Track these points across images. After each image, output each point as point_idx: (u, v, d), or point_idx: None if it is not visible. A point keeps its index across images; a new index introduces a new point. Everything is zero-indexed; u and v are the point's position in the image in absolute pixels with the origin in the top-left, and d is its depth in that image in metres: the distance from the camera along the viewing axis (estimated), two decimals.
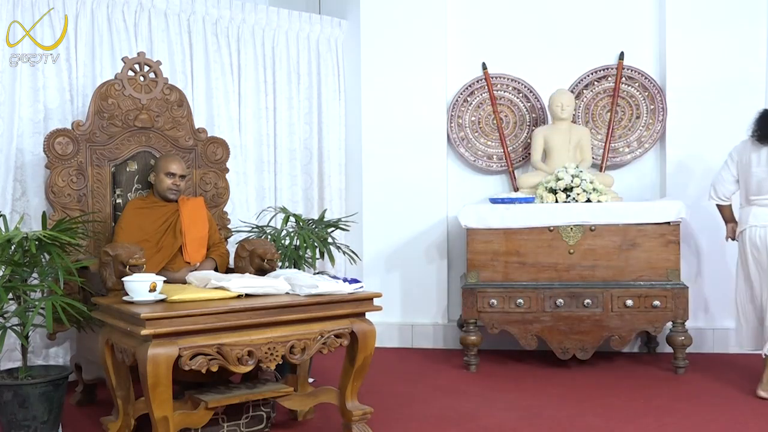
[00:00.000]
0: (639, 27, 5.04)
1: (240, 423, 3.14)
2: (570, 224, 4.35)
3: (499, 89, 5.15)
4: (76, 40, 4.07)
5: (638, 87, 4.99)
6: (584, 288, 4.32)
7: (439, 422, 3.45)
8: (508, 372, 4.42)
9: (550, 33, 5.10)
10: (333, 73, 5.28)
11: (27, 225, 3.82)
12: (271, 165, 4.96)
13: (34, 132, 3.93)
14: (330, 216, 4.74)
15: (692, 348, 4.36)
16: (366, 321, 3.12)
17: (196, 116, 4.30)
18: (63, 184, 3.61)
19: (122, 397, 3.00)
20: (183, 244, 3.61)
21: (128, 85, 3.81)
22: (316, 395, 3.32)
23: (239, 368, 2.78)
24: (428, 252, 5.15)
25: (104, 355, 2.95)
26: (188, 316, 2.69)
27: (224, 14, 4.71)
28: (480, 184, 5.17)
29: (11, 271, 3.09)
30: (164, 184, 3.63)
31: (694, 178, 4.83)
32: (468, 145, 5.16)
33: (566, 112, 4.82)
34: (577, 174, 4.51)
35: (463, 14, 5.18)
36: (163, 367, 2.61)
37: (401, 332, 5.17)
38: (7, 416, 3.07)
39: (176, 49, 4.47)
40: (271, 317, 2.87)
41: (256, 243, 3.61)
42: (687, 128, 4.86)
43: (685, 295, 4.26)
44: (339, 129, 5.32)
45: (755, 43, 4.81)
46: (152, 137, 3.89)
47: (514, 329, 4.37)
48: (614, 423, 3.41)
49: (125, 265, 3.07)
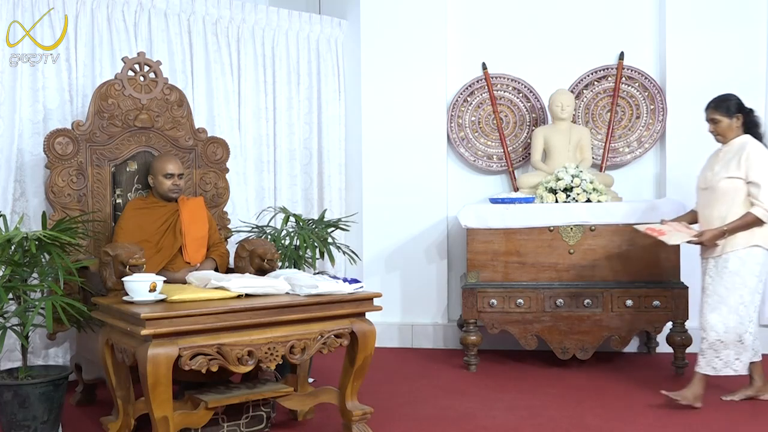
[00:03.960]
0: (639, 27, 5.04)
1: (240, 423, 3.14)
2: (570, 224, 4.35)
3: (499, 89, 5.15)
4: (76, 40, 4.07)
5: (638, 87, 4.99)
6: (584, 288, 4.32)
7: (438, 422, 3.45)
8: (508, 372, 4.42)
9: (550, 33, 5.10)
10: (333, 73, 5.28)
11: (27, 225, 3.82)
12: (270, 165, 4.96)
13: (34, 132, 3.93)
14: (330, 216, 4.74)
15: (692, 348, 4.35)
16: (366, 321, 3.12)
17: (196, 116, 4.30)
18: (63, 184, 3.61)
19: (122, 397, 3.00)
20: (183, 244, 3.61)
21: (128, 85, 3.81)
22: (316, 395, 3.32)
23: (239, 368, 2.79)
24: (428, 252, 5.15)
25: (104, 355, 2.95)
26: (188, 316, 2.70)
27: (224, 14, 4.71)
28: (480, 184, 5.17)
29: (11, 271, 3.09)
30: (164, 185, 3.63)
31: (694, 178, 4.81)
32: (468, 145, 5.16)
33: (566, 112, 4.82)
34: (577, 174, 4.51)
35: (463, 14, 5.18)
36: (163, 367, 2.61)
37: (401, 332, 5.17)
38: (7, 416, 3.07)
39: (176, 49, 4.47)
40: (271, 317, 2.87)
41: (256, 243, 3.61)
42: (687, 128, 4.86)
43: (685, 295, 4.26)
44: (339, 129, 5.32)
45: (755, 43, 4.81)
46: (152, 137, 3.89)
47: (514, 329, 4.37)
48: (614, 423, 3.41)
49: (125, 265, 3.07)
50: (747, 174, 3.55)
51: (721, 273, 3.58)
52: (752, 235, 3.54)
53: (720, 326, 3.55)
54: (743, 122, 3.68)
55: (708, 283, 3.64)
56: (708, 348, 3.59)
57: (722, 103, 3.70)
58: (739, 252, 3.55)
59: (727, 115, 3.67)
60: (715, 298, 3.58)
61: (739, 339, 3.55)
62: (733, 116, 3.66)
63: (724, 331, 3.54)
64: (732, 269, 3.55)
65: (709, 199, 3.68)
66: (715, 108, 3.71)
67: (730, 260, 3.56)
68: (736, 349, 3.56)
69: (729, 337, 3.54)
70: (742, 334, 3.55)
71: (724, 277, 3.56)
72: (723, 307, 3.55)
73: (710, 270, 3.63)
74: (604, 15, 5.06)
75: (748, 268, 3.55)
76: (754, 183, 3.54)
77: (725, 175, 3.60)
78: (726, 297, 3.55)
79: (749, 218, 3.52)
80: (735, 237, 3.55)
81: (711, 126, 3.73)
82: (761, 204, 3.50)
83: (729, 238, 3.55)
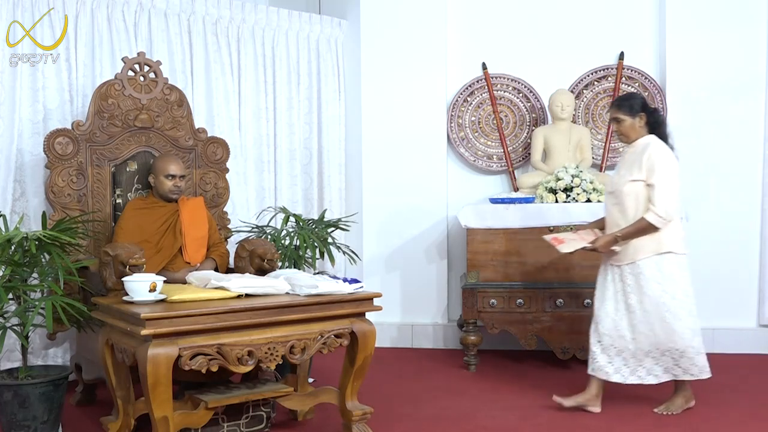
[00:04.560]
0: (639, 27, 5.04)
1: (240, 423, 3.14)
2: (570, 224, 4.35)
3: (499, 89, 5.15)
4: (76, 40, 4.07)
5: (638, 87, 4.99)
6: (584, 288, 4.31)
7: (438, 422, 3.45)
8: (508, 372, 4.42)
9: (551, 33, 5.10)
10: (333, 73, 5.28)
11: (27, 225, 3.82)
12: (270, 165, 4.96)
13: (34, 132, 3.93)
14: (330, 216, 4.74)
15: None
16: (366, 321, 3.12)
17: (196, 116, 4.30)
18: (63, 184, 3.61)
19: (122, 397, 3.00)
20: (183, 244, 3.61)
21: (128, 85, 3.81)
22: (316, 395, 3.32)
23: (239, 368, 2.79)
24: (428, 252, 5.15)
25: (104, 355, 2.95)
26: (188, 316, 2.70)
27: (224, 14, 4.71)
28: (480, 184, 5.17)
29: (11, 271, 3.09)
30: (165, 186, 3.63)
31: (693, 178, 4.83)
32: (468, 145, 5.16)
33: (566, 112, 4.82)
34: (577, 174, 4.51)
35: (463, 14, 5.18)
36: (163, 367, 2.61)
37: (401, 332, 5.17)
38: (7, 416, 3.07)
39: (176, 49, 4.47)
40: (271, 317, 2.87)
41: (256, 243, 3.61)
42: (687, 128, 4.86)
43: None
44: (339, 129, 5.32)
45: (755, 43, 4.81)
46: (152, 137, 3.89)
47: (514, 329, 4.37)
48: (614, 423, 3.41)
49: (125, 265, 3.06)
50: (647, 176, 3.39)
51: (639, 282, 3.41)
52: (660, 243, 3.39)
53: (687, 333, 3.41)
54: (647, 122, 3.51)
55: (629, 292, 3.44)
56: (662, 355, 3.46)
57: (625, 102, 3.53)
58: (652, 259, 3.39)
59: (630, 114, 3.48)
60: (644, 310, 3.41)
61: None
62: (636, 115, 3.48)
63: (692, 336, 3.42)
64: (648, 276, 3.40)
65: (615, 204, 3.52)
66: (618, 107, 3.53)
67: (644, 267, 3.40)
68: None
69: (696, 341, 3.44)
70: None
71: (643, 284, 3.40)
72: (676, 315, 3.40)
73: (627, 278, 3.45)
74: (604, 15, 5.06)
75: (665, 275, 3.40)
76: (651, 186, 3.38)
77: (629, 179, 3.44)
78: (663, 305, 3.39)
79: (642, 224, 3.37)
80: (643, 244, 3.39)
81: (614, 125, 3.57)
82: (655, 209, 3.34)
83: (637, 245, 3.40)
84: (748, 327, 4.84)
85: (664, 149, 3.46)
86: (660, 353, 3.47)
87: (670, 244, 3.42)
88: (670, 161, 3.43)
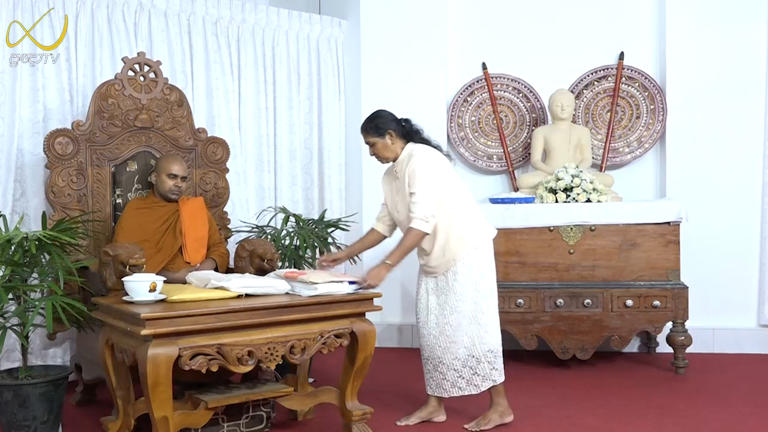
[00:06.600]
0: (639, 27, 5.04)
1: (240, 423, 3.14)
2: (570, 224, 4.35)
3: (499, 89, 5.15)
4: (76, 40, 4.07)
5: (638, 87, 4.99)
6: (584, 288, 4.32)
7: (438, 422, 3.45)
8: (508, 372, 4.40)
9: (550, 33, 5.10)
10: (333, 73, 5.28)
11: (27, 225, 3.82)
12: (271, 165, 4.96)
13: (34, 132, 3.93)
14: (330, 216, 4.74)
15: (692, 348, 4.36)
16: (366, 321, 3.12)
17: (196, 116, 4.30)
18: (63, 184, 3.61)
19: (122, 397, 3.00)
20: (183, 244, 3.61)
21: (128, 85, 3.81)
22: (316, 395, 3.32)
23: (239, 368, 2.79)
24: None
25: (104, 355, 2.95)
26: (188, 316, 2.69)
27: (224, 14, 4.71)
28: (480, 184, 5.17)
29: (11, 271, 3.09)
30: (166, 185, 3.63)
31: (694, 178, 4.84)
32: (468, 145, 5.16)
33: (566, 112, 4.82)
34: (577, 174, 4.51)
35: (463, 14, 5.18)
36: (163, 367, 2.61)
37: (401, 332, 5.17)
38: (7, 416, 3.07)
39: (176, 49, 4.47)
40: (271, 317, 2.87)
41: (256, 243, 3.61)
42: (687, 128, 4.86)
43: (685, 295, 4.26)
44: (339, 129, 5.32)
45: (755, 43, 4.81)
46: (152, 137, 3.89)
47: (514, 329, 4.37)
48: (614, 423, 3.41)
49: (125, 265, 3.07)
50: (410, 185, 3.22)
51: (453, 287, 3.30)
52: (463, 240, 3.26)
53: (490, 338, 3.37)
54: (402, 135, 3.33)
55: (443, 301, 3.34)
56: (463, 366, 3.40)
57: (370, 125, 3.32)
58: (465, 261, 3.27)
59: (378, 135, 3.29)
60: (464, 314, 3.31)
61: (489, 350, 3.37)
62: (384, 134, 3.29)
63: (497, 342, 3.39)
64: (462, 281, 3.28)
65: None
66: (366, 131, 3.33)
67: (458, 272, 3.28)
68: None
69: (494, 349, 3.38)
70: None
71: (458, 290, 3.29)
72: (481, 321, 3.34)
73: (440, 284, 3.36)
74: (604, 15, 5.06)
75: (477, 273, 3.30)
76: (411, 193, 3.21)
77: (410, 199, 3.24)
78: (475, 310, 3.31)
79: (411, 235, 3.21)
80: (451, 250, 3.26)
81: (370, 150, 3.36)
82: (416, 214, 3.18)
83: (447, 253, 3.26)
84: (748, 327, 4.83)
85: (424, 154, 3.27)
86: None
87: (472, 241, 3.29)
88: (428, 164, 3.24)
